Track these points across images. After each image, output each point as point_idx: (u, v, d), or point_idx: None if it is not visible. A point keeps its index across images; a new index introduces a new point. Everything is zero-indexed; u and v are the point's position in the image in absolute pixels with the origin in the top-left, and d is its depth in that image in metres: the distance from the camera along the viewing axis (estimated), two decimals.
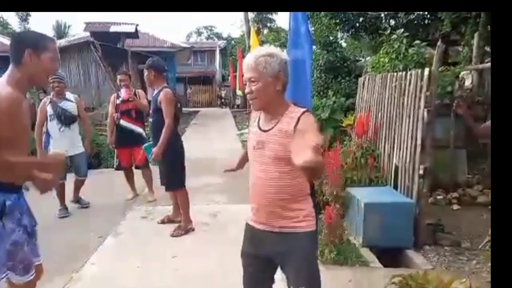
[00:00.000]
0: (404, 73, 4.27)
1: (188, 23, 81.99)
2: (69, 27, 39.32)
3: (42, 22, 74.57)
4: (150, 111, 4.08)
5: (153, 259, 3.49)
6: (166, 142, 3.83)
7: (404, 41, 5.72)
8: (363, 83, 5.62)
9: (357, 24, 9.64)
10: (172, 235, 3.97)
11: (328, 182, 4.16)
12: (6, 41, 15.78)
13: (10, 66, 1.87)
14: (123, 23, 13.65)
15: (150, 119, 4.16)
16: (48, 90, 5.42)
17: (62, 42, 15.26)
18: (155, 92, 3.98)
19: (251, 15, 23.66)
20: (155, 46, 16.12)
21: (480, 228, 4.23)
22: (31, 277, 1.93)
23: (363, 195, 3.89)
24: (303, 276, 1.79)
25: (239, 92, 23.85)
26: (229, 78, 25.60)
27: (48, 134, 4.73)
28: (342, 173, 4.40)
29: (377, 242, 3.68)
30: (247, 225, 1.97)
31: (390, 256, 3.58)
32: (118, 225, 4.36)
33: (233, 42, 36.53)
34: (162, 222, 4.37)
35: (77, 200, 5.11)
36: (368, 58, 9.39)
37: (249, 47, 12.84)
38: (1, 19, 37.58)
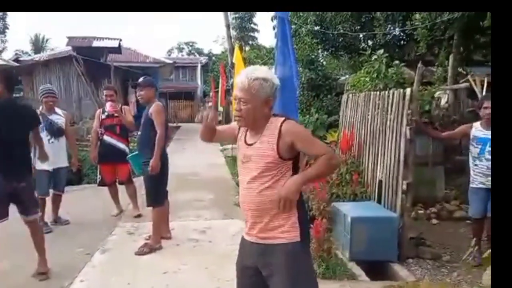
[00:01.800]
0: (387, 92, 4.48)
1: (169, 39, 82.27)
2: (47, 40, 38.85)
3: (19, 34, 73.22)
4: (141, 126, 4.10)
5: (143, 275, 3.48)
6: (161, 153, 3.86)
7: (384, 61, 6.00)
8: (346, 100, 5.82)
9: (337, 44, 10.00)
10: (137, 253, 3.89)
11: (314, 197, 4.27)
12: None
13: None
14: (106, 38, 13.63)
15: (139, 133, 4.17)
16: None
17: (43, 56, 15.09)
18: (147, 108, 4.03)
19: (233, 32, 24.01)
20: (138, 61, 16.12)
21: (459, 241, 4.43)
22: None
23: (349, 209, 4.02)
24: (285, 286, 1.81)
25: (220, 109, 24.00)
26: (210, 94, 25.71)
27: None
28: (328, 188, 4.54)
29: (363, 256, 3.79)
30: (242, 237, 2.03)
31: (376, 270, 3.69)
32: (105, 241, 4.31)
33: (214, 58, 36.84)
34: (149, 238, 4.35)
35: (55, 220, 5.01)
36: (348, 76, 9.71)
37: (232, 63, 13.02)
38: None
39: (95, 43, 13.09)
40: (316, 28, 9.48)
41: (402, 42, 9.78)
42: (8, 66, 13.27)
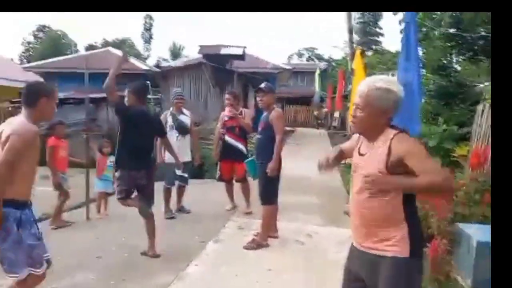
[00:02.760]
0: None
1: (290, 45, 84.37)
2: (183, 48, 43.74)
3: (160, 44, 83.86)
4: (259, 129, 4.31)
5: (249, 269, 3.65)
6: (279, 156, 4.06)
7: None
8: (482, 111, 5.15)
9: (476, 48, 8.91)
10: (245, 247, 4.10)
11: (435, 215, 3.88)
12: (134, 61, 18.19)
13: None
14: (232, 46, 14.71)
15: (258, 136, 4.38)
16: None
17: (178, 63, 17.01)
18: (265, 112, 4.23)
19: (355, 37, 23.43)
20: (258, 67, 16.94)
21: None
22: (44, 269, 2.43)
23: (475, 232, 3.54)
24: None
25: (336, 114, 23.64)
26: (327, 99, 25.51)
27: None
28: (452, 207, 4.07)
29: (488, 285, 3.29)
30: (352, 242, 2.02)
31: None
32: (218, 232, 4.65)
33: (333, 64, 36.49)
34: (257, 235, 4.52)
35: (179, 208, 5.57)
36: (487, 84, 8.57)
37: (352, 69, 12.68)
38: (129, 41, 43.37)
39: (223, 51, 14.22)
40: (452, 30, 8.60)
41: None
42: (151, 71, 15.33)
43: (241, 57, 15.05)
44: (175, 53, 41.52)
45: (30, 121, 2.35)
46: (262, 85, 4.40)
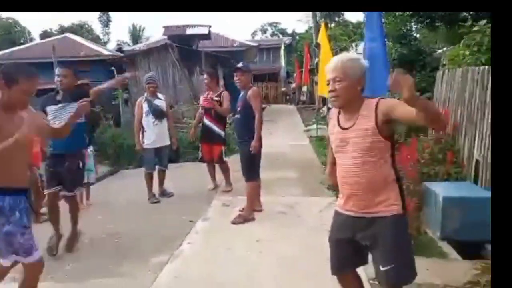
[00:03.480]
0: (487, 67, 4.18)
1: (253, 20, 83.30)
2: (143, 29, 42.29)
3: (119, 25, 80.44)
4: (238, 109, 4.45)
5: (239, 241, 3.88)
6: (260, 134, 4.23)
7: (487, 32, 5.49)
8: (442, 77, 5.52)
9: (433, 14, 9.29)
10: (232, 222, 4.31)
11: (404, 177, 4.23)
12: (92, 45, 17.55)
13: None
14: (197, 25, 14.50)
15: (237, 115, 4.51)
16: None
17: (143, 46, 16.58)
18: (242, 92, 4.36)
19: None
20: (225, 46, 16.85)
21: None
22: (35, 260, 2.35)
23: (441, 189, 3.91)
24: (391, 256, 1.96)
25: (304, 88, 23.93)
26: (294, 74, 25.71)
27: (142, 128, 5.39)
28: (418, 167, 4.44)
29: (455, 236, 3.69)
30: (337, 212, 2.17)
31: (469, 250, 3.58)
32: (205, 211, 4.84)
33: (298, 38, 36.55)
34: (243, 210, 4.74)
35: (162, 192, 5.65)
36: (445, 50, 9.02)
37: (317, 43, 12.88)
38: (87, 25, 41.43)
39: (188, 31, 14.01)
40: None
41: None
42: (116, 56, 14.91)
43: (207, 36, 14.90)
44: (136, 35, 40.16)
45: None
46: (240, 65, 4.52)
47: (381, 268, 1.98)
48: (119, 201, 5.48)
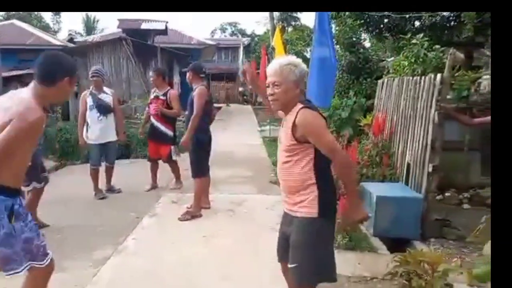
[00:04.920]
0: (418, 78, 4.57)
1: (213, 20, 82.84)
2: (97, 21, 40.63)
3: (72, 15, 76.73)
4: (187, 106, 4.50)
5: (185, 237, 3.96)
6: (193, 131, 4.28)
7: (425, 44, 5.97)
8: (382, 85, 5.92)
9: (382, 25, 9.82)
10: (179, 219, 4.37)
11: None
12: (41, 34, 16.65)
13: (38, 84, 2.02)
14: (153, 21, 14.27)
15: (186, 112, 4.56)
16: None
17: (96, 38, 16.03)
18: (193, 90, 4.44)
19: (276, 13, 23.94)
20: (182, 43, 16.69)
21: (487, 226, 4.50)
22: (50, 260, 2.14)
23: (376, 189, 4.24)
24: (297, 256, 2.09)
25: None
26: None
27: (87, 123, 5.28)
28: (358, 169, 4.76)
29: (386, 233, 4.02)
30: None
31: (398, 246, 3.91)
32: (152, 207, 4.85)
33: (256, 39, 36.88)
34: (191, 207, 4.81)
35: (109, 189, 5.57)
36: (391, 59, 9.59)
37: (273, 46, 13.15)
38: (36, 12, 39.08)
39: (144, 25, 13.75)
40: None
41: (451, 23, 9.45)
42: (66, 47, 14.30)
43: (164, 32, 14.71)
44: (89, 26, 38.49)
45: (39, 102, 1.99)
46: (190, 64, 4.60)
47: (289, 265, 2.15)
48: (63, 197, 5.33)
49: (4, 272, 2.04)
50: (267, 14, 18.69)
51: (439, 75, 4.09)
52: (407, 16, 9.47)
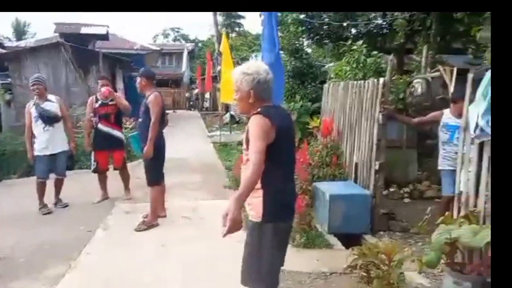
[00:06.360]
0: (362, 81, 4.89)
1: (155, 25, 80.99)
2: (28, 24, 38.01)
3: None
4: (140, 113, 4.39)
5: (144, 247, 3.87)
6: (154, 139, 4.20)
7: (364, 51, 6.39)
8: (328, 89, 6.22)
9: (322, 32, 10.31)
10: (136, 229, 4.27)
11: (297, 178, 4.69)
12: None
13: None
14: (93, 25, 13.66)
15: (139, 119, 4.44)
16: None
17: (30, 42, 15.00)
18: (146, 97, 4.34)
19: (220, 19, 24.04)
20: (124, 48, 16.15)
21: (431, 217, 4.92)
22: None
23: (328, 188, 4.46)
24: (244, 256, 2.18)
25: (207, 95, 24.18)
26: (197, 80, 25.82)
27: (34, 135, 4.97)
28: (309, 170, 4.97)
29: (340, 229, 4.25)
30: None
31: (350, 241, 4.15)
32: (105, 219, 4.67)
33: (200, 44, 36.70)
34: (146, 216, 4.71)
35: (56, 202, 5.25)
36: (331, 64, 10.08)
37: (219, 51, 13.23)
38: None
39: (83, 30, 13.11)
40: (302, 16, 9.77)
41: (384, 30, 10.18)
42: None
43: (105, 37, 14.14)
44: (20, 30, 35.88)
45: None
46: (142, 70, 4.50)
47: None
48: (2, 214, 4.95)
49: None
50: (210, 20, 18.74)
51: (381, 79, 4.41)
52: (345, 24, 10.05)
